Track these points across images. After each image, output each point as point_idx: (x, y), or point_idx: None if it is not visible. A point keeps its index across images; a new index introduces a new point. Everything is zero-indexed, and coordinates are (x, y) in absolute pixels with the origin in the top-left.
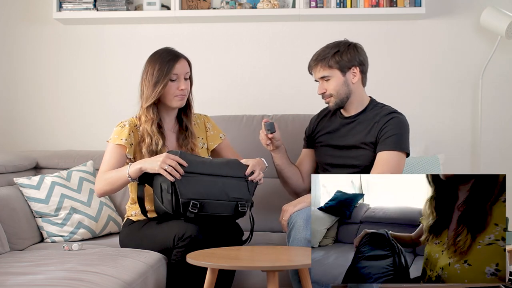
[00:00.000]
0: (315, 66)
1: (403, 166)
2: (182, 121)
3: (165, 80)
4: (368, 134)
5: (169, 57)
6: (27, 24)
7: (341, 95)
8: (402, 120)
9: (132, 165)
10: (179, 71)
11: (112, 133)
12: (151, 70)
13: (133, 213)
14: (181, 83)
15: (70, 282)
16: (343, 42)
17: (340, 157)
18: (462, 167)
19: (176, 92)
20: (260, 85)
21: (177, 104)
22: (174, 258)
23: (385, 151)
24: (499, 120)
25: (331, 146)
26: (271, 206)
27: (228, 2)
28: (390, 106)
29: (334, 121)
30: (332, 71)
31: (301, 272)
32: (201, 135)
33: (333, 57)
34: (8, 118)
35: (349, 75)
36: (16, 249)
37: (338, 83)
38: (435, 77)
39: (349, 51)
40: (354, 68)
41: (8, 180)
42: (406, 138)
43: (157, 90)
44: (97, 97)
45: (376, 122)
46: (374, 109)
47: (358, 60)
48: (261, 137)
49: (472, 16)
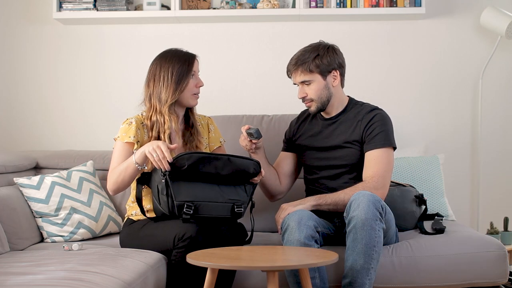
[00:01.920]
0: (295, 70)
1: (393, 161)
2: (189, 119)
3: (187, 78)
4: (353, 132)
5: (186, 56)
6: (27, 24)
7: (322, 99)
8: (385, 115)
9: (136, 153)
10: (196, 68)
11: (119, 131)
12: (170, 69)
13: (134, 212)
14: (199, 80)
15: (70, 282)
16: (322, 45)
17: (327, 158)
18: (462, 167)
19: (193, 89)
20: (260, 85)
21: (195, 102)
22: (174, 259)
23: (375, 149)
24: (499, 120)
25: (315, 148)
26: (271, 206)
27: (228, 2)
28: (369, 103)
29: (315, 124)
30: (313, 75)
31: (301, 272)
32: (204, 136)
33: (313, 61)
34: (8, 118)
35: (330, 78)
36: (16, 249)
37: (319, 87)
38: (435, 77)
39: (328, 54)
40: (334, 71)
41: (8, 180)
42: (392, 132)
43: (180, 89)
44: (97, 97)
45: (359, 121)
46: (355, 108)
47: (337, 63)
48: (243, 143)
49: (472, 16)
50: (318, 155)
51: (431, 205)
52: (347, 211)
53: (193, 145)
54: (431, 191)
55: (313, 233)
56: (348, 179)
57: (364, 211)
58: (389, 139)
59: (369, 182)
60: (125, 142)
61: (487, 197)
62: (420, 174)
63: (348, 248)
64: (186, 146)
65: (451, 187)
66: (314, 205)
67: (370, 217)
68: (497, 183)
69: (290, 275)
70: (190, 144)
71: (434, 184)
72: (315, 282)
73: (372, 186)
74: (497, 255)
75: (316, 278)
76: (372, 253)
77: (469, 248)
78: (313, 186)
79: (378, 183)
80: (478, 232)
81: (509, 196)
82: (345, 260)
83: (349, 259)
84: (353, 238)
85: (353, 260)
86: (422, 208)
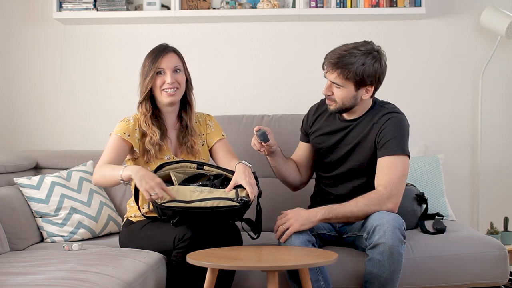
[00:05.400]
0: (332, 70)
1: (407, 168)
2: (183, 119)
3: (151, 74)
4: (367, 135)
5: (157, 51)
6: (27, 24)
7: (346, 105)
8: (401, 120)
9: (126, 168)
10: (165, 65)
11: (115, 127)
12: (143, 65)
13: (133, 214)
14: (167, 77)
15: (70, 282)
16: (372, 53)
17: (338, 159)
18: (462, 167)
19: (163, 86)
20: (260, 85)
21: (167, 100)
22: (174, 259)
23: (388, 156)
24: (499, 120)
25: (328, 148)
26: (271, 206)
27: (228, 2)
28: (391, 104)
29: (332, 122)
30: (347, 83)
31: (301, 272)
32: (201, 132)
33: (355, 70)
34: (8, 118)
35: (362, 91)
36: (16, 249)
37: (348, 95)
38: (435, 77)
39: (374, 66)
40: (370, 86)
41: (8, 180)
42: (406, 139)
43: (145, 85)
44: (97, 97)
45: (374, 123)
46: (374, 110)
47: (377, 78)
48: (253, 144)
49: (472, 16)
50: (329, 155)
51: (431, 205)
52: (369, 234)
53: (188, 145)
54: (431, 191)
55: (309, 237)
56: (358, 183)
57: (391, 238)
58: (401, 146)
59: (381, 191)
60: (118, 136)
61: (487, 197)
62: (420, 174)
63: (372, 272)
64: (181, 147)
65: (451, 187)
66: (322, 220)
67: (397, 244)
68: (497, 183)
69: (290, 275)
70: (185, 144)
71: (434, 184)
72: (320, 284)
73: (384, 195)
74: (497, 255)
75: (320, 280)
76: (398, 276)
77: (469, 249)
78: (322, 184)
79: (392, 192)
80: (478, 232)
81: (509, 196)
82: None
83: (375, 282)
84: (379, 264)
85: (379, 284)
86: (423, 207)
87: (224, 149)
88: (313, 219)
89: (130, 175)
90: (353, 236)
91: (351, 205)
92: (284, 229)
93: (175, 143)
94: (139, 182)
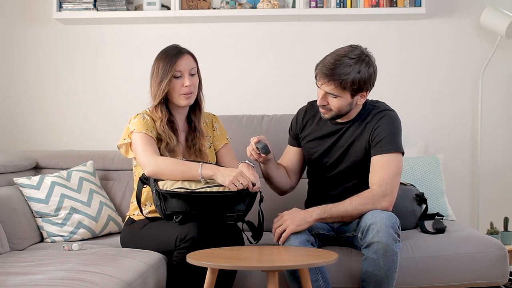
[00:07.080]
0: (329, 82)
1: (401, 166)
2: (192, 121)
3: (168, 77)
4: (361, 134)
5: (172, 54)
6: (27, 24)
7: (341, 112)
8: (393, 117)
9: (205, 167)
10: (182, 68)
11: (133, 124)
12: (156, 68)
13: (136, 213)
14: (186, 80)
15: (70, 282)
16: (365, 60)
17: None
18: (462, 167)
19: (181, 89)
20: (260, 85)
21: (184, 102)
22: (175, 259)
23: (382, 154)
24: (499, 120)
25: (324, 151)
26: (271, 206)
27: (228, 2)
28: (383, 102)
29: (323, 126)
30: (344, 92)
31: (301, 272)
32: (208, 134)
33: (352, 79)
34: (8, 118)
35: (357, 97)
36: (16, 249)
37: (344, 103)
38: (435, 77)
39: (369, 71)
40: (366, 92)
41: (8, 180)
42: (399, 136)
43: (162, 88)
44: (97, 97)
45: (368, 123)
46: (366, 109)
47: (372, 82)
48: (249, 154)
49: (472, 16)
50: (323, 159)
51: (431, 205)
52: (363, 233)
53: (196, 148)
54: (431, 191)
55: (308, 237)
56: (353, 183)
57: (385, 237)
58: (395, 144)
59: (375, 189)
60: (143, 133)
61: (487, 197)
62: (420, 174)
63: (367, 271)
64: (189, 150)
65: (451, 187)
66: (318, 220)
67: (391, 242)
68: (497, 183)
69: (290, 275)
70: (193, 147)
71: (434, 184)
72: (319, 284)
73: (379, 194)
74: (497, 255)
75: (319, 280)
76: (394, 275)
77: (469, 248)
78: (316, 185)
79: (386, 190)
80: (478, 232)
81: (509, 196)
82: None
83: (371, 281)
84: (374, 263)
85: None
86: (423, 207)
87: (229, 154)
88: (309, 219)
89: (211, 175)
90: (350, 236)
91: (345, 204)
92: (281, 231)
93: (184, 145)
94: (222, 178)
